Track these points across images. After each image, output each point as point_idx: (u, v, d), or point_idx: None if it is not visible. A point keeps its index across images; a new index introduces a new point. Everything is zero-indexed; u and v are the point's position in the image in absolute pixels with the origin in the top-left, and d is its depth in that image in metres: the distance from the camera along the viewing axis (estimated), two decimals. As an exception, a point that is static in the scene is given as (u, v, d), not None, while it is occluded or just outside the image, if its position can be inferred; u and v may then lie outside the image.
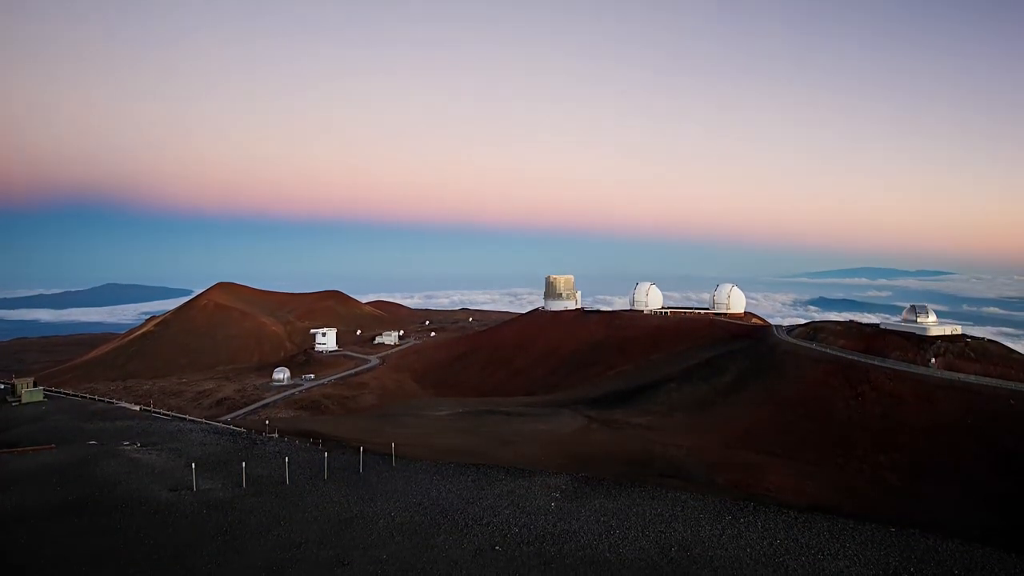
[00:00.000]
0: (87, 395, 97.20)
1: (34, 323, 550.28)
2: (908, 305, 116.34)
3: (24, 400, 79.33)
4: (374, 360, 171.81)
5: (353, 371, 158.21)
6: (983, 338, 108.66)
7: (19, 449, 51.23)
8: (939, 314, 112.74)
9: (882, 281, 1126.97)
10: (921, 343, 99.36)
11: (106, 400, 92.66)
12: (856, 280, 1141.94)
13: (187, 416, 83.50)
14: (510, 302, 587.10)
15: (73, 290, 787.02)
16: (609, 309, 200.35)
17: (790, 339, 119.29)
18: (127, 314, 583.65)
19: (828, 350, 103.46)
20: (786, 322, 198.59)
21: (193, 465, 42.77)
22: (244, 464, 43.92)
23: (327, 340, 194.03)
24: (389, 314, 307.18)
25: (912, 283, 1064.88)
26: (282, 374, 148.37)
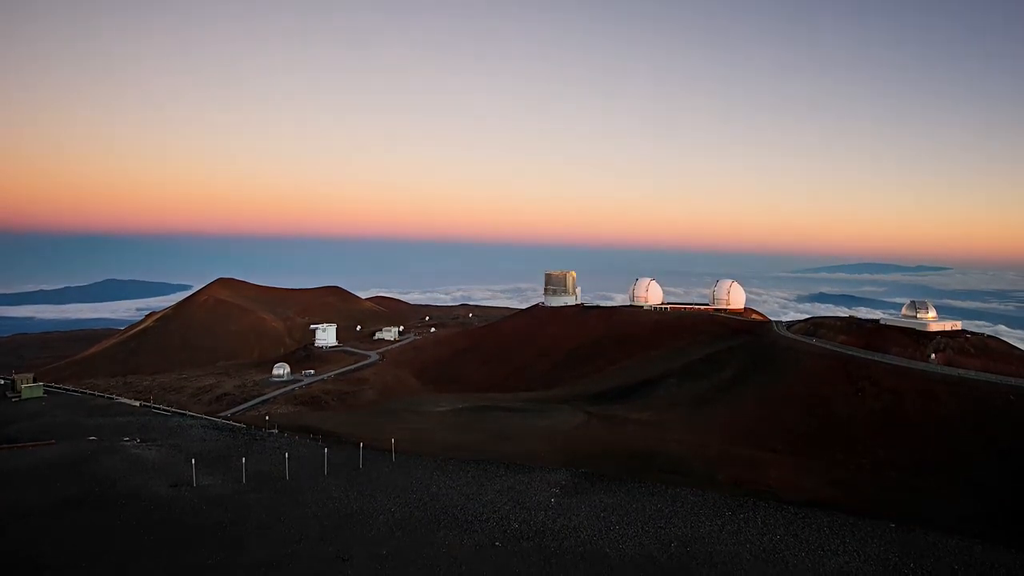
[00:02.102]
0: (87, 391, 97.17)
1: (34, 319, 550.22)
2: (908, 301, 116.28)
3: (24, 396, 79.37)
4: (374, 356, 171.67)
5: (353, 367, 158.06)
6: (983, 333, 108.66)
7: (19, 445, 51.22)
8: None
9: (865, 276, 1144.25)
10: (921, 339, 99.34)
11: (106, 396, 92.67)
12: (836, 276, 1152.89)
13: (187, 412, 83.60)
14: (508, 298, 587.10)
15: (73, 286, 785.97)
16: (609, 305, 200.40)
17: (790, 335, 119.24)
18: (127, 310, 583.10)
19: (828, 346, 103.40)
20: (785, 318, 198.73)
21: (193, 461, 42.79)
22: (244, 460, 43.95)
23: (327, 336, 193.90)
24: (389, 310, 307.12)
25: (884, 278, 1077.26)
26: (282, 370, 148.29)
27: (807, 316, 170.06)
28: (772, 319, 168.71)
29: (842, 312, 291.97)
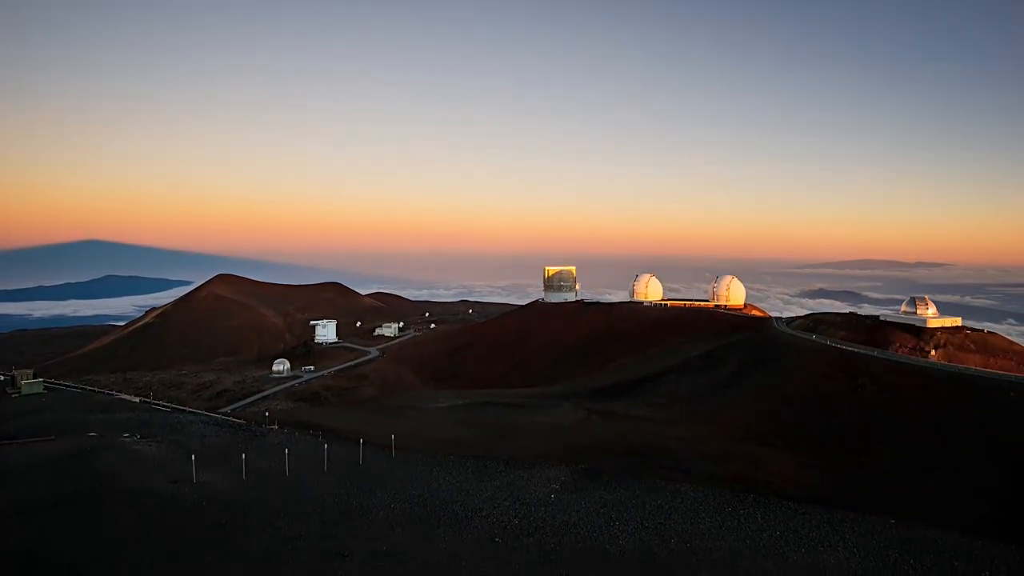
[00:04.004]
0: (87, 387, 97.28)
1: (34, 315, 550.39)
2: (908, 297, 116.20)
3: (24, 392, 79.43)
4: (374, 352, 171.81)
5: (353, 363, 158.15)
6: (983, 330, 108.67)
7: (19, 441, 51.20)
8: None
9: (849, 272, 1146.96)
10: (921, 334, 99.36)
11: (106, 392, 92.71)
12: (823, 271, 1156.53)
13: (187, 408, 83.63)
14: (508, 294, 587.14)
15: (73, 282, 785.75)
16: (609, 301, 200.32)
17: (790, 331, 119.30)
18: (127, 306, 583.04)
19: (828, 342, 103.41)
20: (787, 314, 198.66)
21: (193, 457, 42.80)
22: (244, 456, 43.97)
23: (327, 332, 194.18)
24: (389, 306, 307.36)
25: (874, 274, 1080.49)
26: (282, 366, 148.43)
27: (808, 312, 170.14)
28: (773, 315, 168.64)
29: (844, 308, 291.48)
